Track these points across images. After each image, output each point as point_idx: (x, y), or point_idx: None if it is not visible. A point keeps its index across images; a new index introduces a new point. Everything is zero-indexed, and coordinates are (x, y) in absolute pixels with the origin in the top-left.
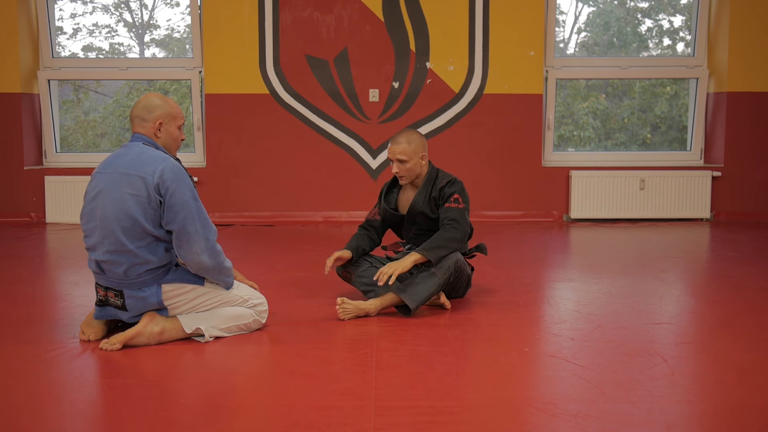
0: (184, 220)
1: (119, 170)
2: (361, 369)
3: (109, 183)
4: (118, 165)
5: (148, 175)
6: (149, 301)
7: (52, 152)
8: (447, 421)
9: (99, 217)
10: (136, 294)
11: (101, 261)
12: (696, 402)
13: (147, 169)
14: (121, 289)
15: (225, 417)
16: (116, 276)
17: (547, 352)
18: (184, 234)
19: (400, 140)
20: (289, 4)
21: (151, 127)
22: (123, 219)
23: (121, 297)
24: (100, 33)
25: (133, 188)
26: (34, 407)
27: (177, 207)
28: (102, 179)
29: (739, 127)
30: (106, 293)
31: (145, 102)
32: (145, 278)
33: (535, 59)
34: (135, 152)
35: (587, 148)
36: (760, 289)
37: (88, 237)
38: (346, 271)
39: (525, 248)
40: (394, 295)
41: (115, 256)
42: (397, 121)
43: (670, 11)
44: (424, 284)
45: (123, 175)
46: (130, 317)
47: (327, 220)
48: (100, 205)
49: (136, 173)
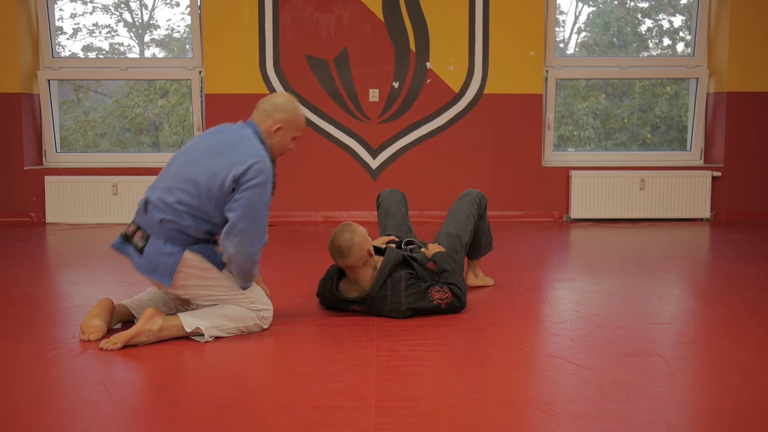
0: (244, 217)
1: (216, 143)
2: (361, 369)
3: (201, 148)
4: (218, 138)
5: (237, 163)
6: (166, 261)
7: (52, 152)
8: (447, 421)
9: (176, 169)
10: (161, 246)
11: (152, 201)
12: (696, 402)
13: (239, 158)
14: (150, 234)
15: (225, 417)
16: (153, 221)
17: (547, 352)
18: (236, 228)
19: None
20: (289, 4)
21: (270, 124)
22: (192, 184)
23: (145, 240)
24: (100, 33)
25: (218, 165)
26: (34, 407)
27: (244, 201)
28: (197, 142)
29: (739, 127)
30: (135, 231)
31: (279, 100)
32: (176, 236)
33: (535, 59)
34: (240, 135)
35: (587, 148)
36: (760, 289)
37: (159, 181)
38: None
39: (525, 248)
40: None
41: (164, 205)
42: (397, 121)
43: (670, 11)
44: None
45: (217, 150)
46: (139, 266)
47: (327, 220)
48: (182, 161)
49: (229, 155)
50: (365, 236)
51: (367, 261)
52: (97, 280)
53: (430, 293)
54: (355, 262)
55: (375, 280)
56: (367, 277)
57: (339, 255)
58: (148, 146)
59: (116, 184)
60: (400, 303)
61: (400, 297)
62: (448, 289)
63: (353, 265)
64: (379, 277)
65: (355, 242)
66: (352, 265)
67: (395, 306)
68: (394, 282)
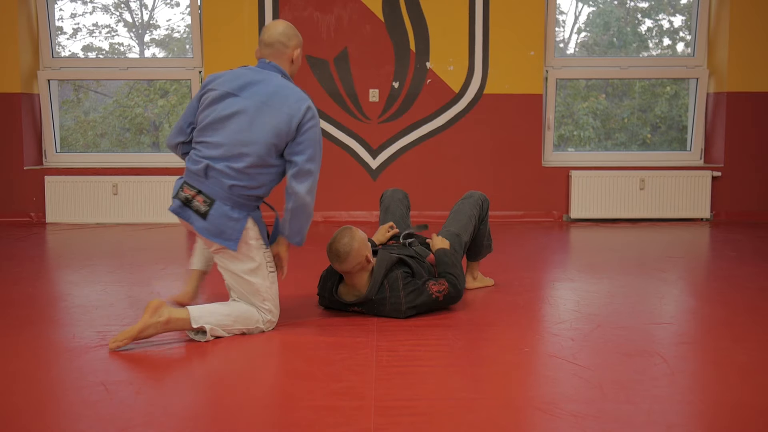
0: (311, 158)
1: (261, 98)
2: (361, 369)
3: (249, 107)
4: (259, 93)
5: (294, 111)
6: (233, 225)
7: (52, 152)
8: (447, 421)
9: (232, 134)
10: (228, 212)
11: (215, 169)
12: (696, 402)
13: (292, 106)
14: (214, 199)
15: (225, 417)
16: (221, 186)
17: (547, 352)
18: (305, 169)
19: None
20: (289, 4)
21: (288, 55)
22: (257, 145)
23: (209, 205)
24: (100, 33)
25: (276, 120)
26: (34, 407)
27: (308, 143)
28: (239, 102)
29: (739, 127)
30: (195, 195)
31: (281, 29)
32: (244, 202)
33: (535, 59)
34: (276, 84)
35: (587, 148)
36: (760, 289)
37: (211, 147)
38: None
39: (525, 248)
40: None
41: (233, 171)
42: (397, 121)
43: (670, 11)
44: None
45: (265, 105)
46: (202, 229)
47: (327, 220)
48: (236, 125)
49: (281, 107)
50: (364, 242)
51: (364, 267)
52: (97, 280)
53: (428, 287)
54: (353, 267)
55: (371, 283)
56: (363, 281)
57: (337, 260)
58: (148, 146)
59: (116, 184)
60: (399, 303)
61: (399, 297)
62: (444, 280)
63: (350, 271)
64: (375, 279)
65: (354, 248)
66: (350, 271)
67: (395, 306)
68: (391, 283)
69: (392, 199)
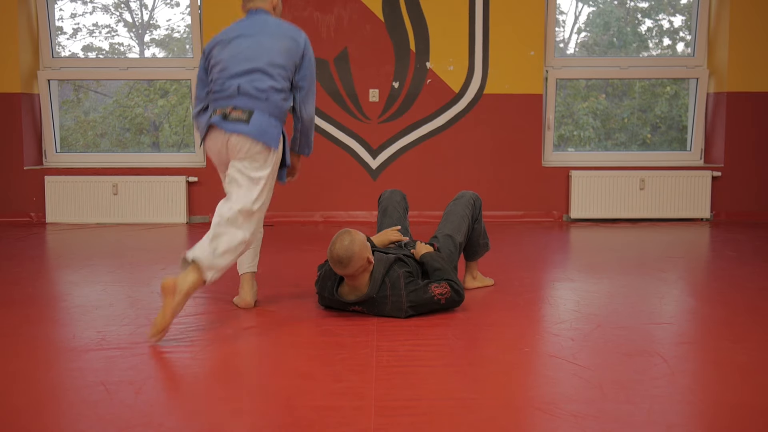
0: (311, 80)
1: (268, 31)
2: (361, 369)
3: (262, 35)
4: (264, 29)
5: (298, 38)
6: (273, 129)
7: (52, 152)
8: (447, 422)
9: (253, 52)
10: (267, 119)
11: (243, 88)
12: (696, 402)
13: (294, 35)
14: (251, 109)
15: (225, 417)
16: (255, 99)
17: (547, 352)
18: (309, 91)
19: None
20: (289, 4)
21: (270, 3)
22: (278, 55)
23: (249, 114)
24: (100, 33)
25: (288, 43)
26: (34, 407)
27: (309, 69)
28: (244, 37)
29: (739, 127)
30: (231, 110)
31: None
32: (277, 113)
33: (535, 59)
34: (274, 22)
35: (587, 148)
36: (760, 289)
37: (234, 76)
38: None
39: (525, 248)
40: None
41: (257, 91)
42: (397, 121)
43: (670, 11)
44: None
45: (275, 35)
46: (249, 132)
47: (327, 220)
48: (256, 46)
49: (287, 35)
50: (364, 244)
51: (366, 268)
52: (97, 280)
53: (430, 288)
54: (355, 270)
55: (372, 282)
56: (365, 281)
57: (339, 265)
58: (148, 146)
59: (116, 184)
60: (401, 302)
61: (400, 295)
62: (446, 284)
63: (353, 274)
64: (376, 278)
65: (355, 252)
66: (353, 274)
67: (397, 305)
68: (392, 281)
69: (390, 201)
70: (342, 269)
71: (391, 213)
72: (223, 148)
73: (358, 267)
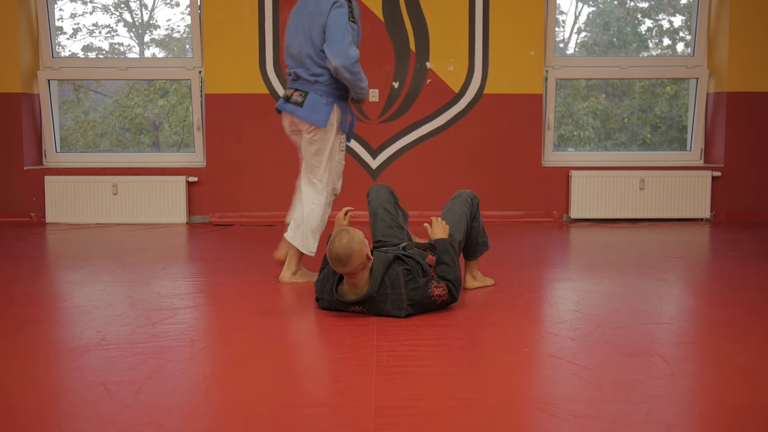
0: (331, 28)
1: (306, 10)
2: (361, 369)
3: (302, 14)
4: (308, 3)
5: (324, 10)
6: (322, 108)
7: (52, 152)
8: (447, 421)
9: (301, 34)
10: (319, 98)
11: (300, 71)
12: (696, 402)
13: (322, 10)
14: (307, 91)
15: (225, 417)
16: (309, 81)
17: (547, 352)
18: (330, 38)
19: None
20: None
21: None
22: (318, 37)
23: (304, 96)
24: (100, 33)
25: (320, 21)
26: (34, 407)
27: (330, 31)
28: (298, 17)
29: (739, 127)
30: (293, 93)
31: None
32: (330, 90)
33: (535, 59)
34: None
35: (587, 148)
36: (760, 289)
37: (290, 46)
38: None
39: (525, 248)
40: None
41: (311, 61)
42: (397, 121)
43: (670, 11)
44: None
45: (312, 13)
46: (303, 116)
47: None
48: (302, 27)
49: (318, 13)
50: (363, 241)
51: (366, 265)
52: (97, 280)
53: (430, 288)
54: (355, 268)
55: (372, 280)
56: (364, 279)
57: (339, 263)
58: (148, 146)
59: (116, 184)
60: (401, 300)
61: (401, 293)
62: (445, 286)
63: (353, 272)
64: (375, 277)
65: (355, 250)
66: (352, 272)
67: (397, 303)
68: (392, 279)
69: (379, 201)
70: (342, 267)
71: (383, 216)
72: (289, 125)
73: (357, 264)
